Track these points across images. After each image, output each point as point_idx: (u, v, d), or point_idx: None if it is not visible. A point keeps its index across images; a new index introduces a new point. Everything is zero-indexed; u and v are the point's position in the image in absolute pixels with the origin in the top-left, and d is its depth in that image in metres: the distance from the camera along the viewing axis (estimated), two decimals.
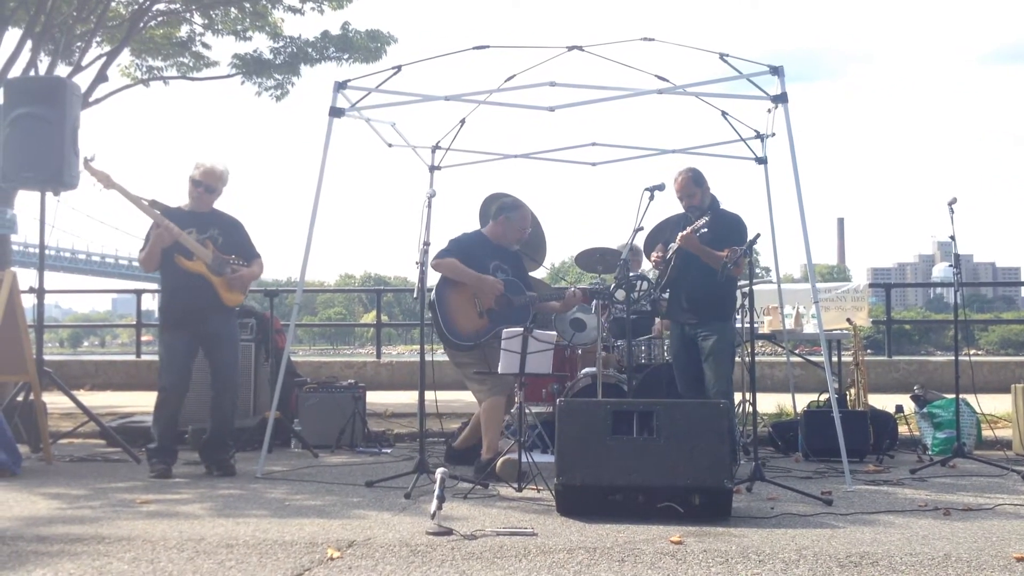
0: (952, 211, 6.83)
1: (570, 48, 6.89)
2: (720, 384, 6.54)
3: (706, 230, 6.52)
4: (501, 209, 6.94)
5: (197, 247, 6.43)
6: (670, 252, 6.76)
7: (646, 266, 8.48)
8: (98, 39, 13.54)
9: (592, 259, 7.63)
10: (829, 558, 3.96)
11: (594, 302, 7.20)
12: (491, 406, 6.49)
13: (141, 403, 10.02)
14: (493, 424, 6.51)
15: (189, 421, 7.21)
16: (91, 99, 12.82)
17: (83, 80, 12.60)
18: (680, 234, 6.61)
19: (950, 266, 7.14)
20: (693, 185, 6.75)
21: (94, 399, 10.27)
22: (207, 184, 6.60)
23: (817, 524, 4.75)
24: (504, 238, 6.92)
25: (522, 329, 5.90)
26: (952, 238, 6.83)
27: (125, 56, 14.22)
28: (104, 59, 13.38)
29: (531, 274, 7.58)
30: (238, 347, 6.85)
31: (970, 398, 7.37)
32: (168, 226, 6.31)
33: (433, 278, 6.62)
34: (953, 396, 7.18)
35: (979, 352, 61.74)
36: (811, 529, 4.61)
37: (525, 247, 7.49)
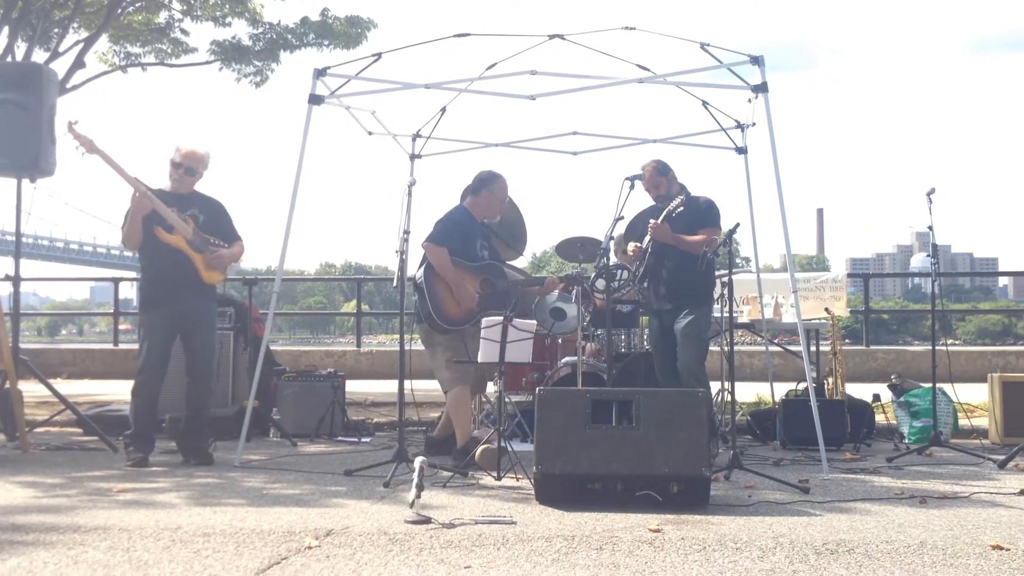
0: (930, 201, 6.87)
1: (551, 37, 6.86)
2: (691, 363, 6.54)
3: (682, 208, 6.54)
4: (481, 183, 6.88)
5: (177, 221, 6.37)
6: (645, 243, 6.78)
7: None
8: (75, 25, 13.45)
9: (573, 248, 7.63)
10: (806, 545, 3.98)
11: (574, 290, 7.20)
12: (457, 395, 6.55)
13: (118, 391, 9.96)
14: (462, 413, 6.58)
15: (166, 409, 7.15)
16: (68, 85, 12.75)
17: (60, 66, 12.55)
18: (650, 224, 6.64)
19: (928, 256, 7.17)
20: (658, 175, 6.78)
21: (71, 387, 10.22)
22: (187, 166, 6.55)
23: (794, 512, 4.77)
24: (488, 212, 6.91)
25: (502, 318, 5.90)
26: (930, 228, 6.86)
27: (103, 42, 14.17)
28: (82, 45, 13.30)
29: (512, 263, 7.56)
30: (216, 333, 6.81)
31: (947, 387, 7.43)
32: (146, 192, 6.27)
33: (415, 266, 6.61)
34: (930, 385, 7.23)
35: (956, 342, 62.10)
36: (788, 517, 4.63)
37: (506, 236, 7.47)
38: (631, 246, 6.92)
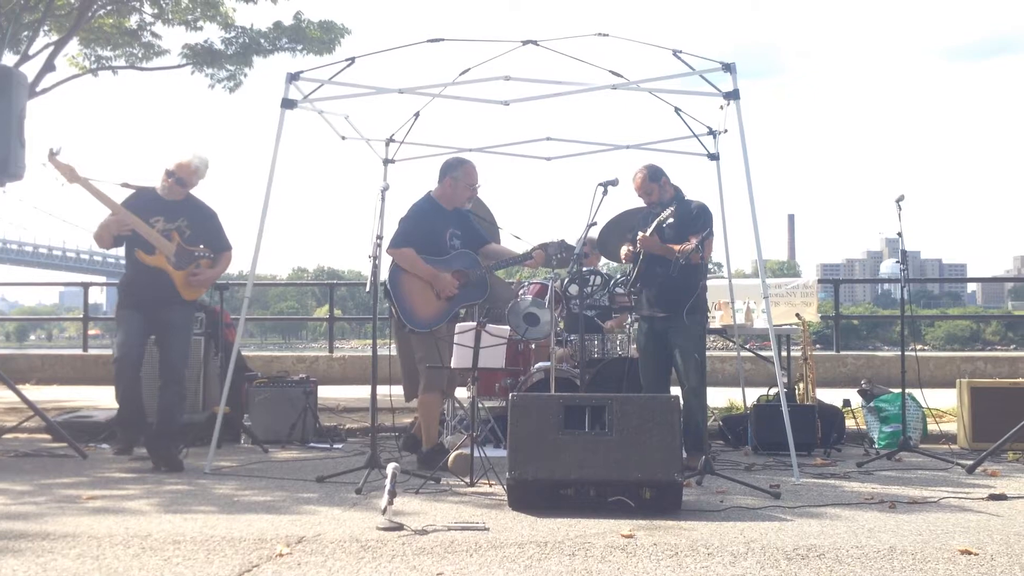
0: (900, 208, 6.93)
1: (525, 43, 6.88)
2: (692, 380, 6.56)
3: (672, 220, 6.53)
4: (446, 170, 6.83)
5: (159, 240, 6.37)
6: (638, 248, 6.75)
7: (601, 261, 8.49)
8: (46, 28, 13.34)
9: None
10: (777, 550, 4.00)
11: (547, 296, 7.20)
12: (425, 401, 6.56)
13: (88, 397, 9.88)
14: (430, 418, 6.60)
15: None
16: (38, 89, 12.64)
17: (30, 69, 12.43)
18: (638, 238, 6.63)
19: (897, 262, 7.24)
20: (649, 182, 6.76)
21: (40, 393, 10.11)
22: (178, 177, 6.56)
23: (765, 517, 4.80)
24: (455, 200, 6.83)
25: (475, 324, 5.90)
26: (899, 235, 6.92)
27: (73, 45, 14.05)
28: (52, 48, 13.20)
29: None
30: (190, 340, 6.78)
31: (916, 392, 7.48)
32: (121, 220, 6.26)
33: (387, 266, 6.59)
34: (899, 390, 7.28)
35: (925, 347, 62.73)
36: (759, 522, 4.66)
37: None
38: (625, 249, 6.88)
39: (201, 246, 6.56)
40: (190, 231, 6.55)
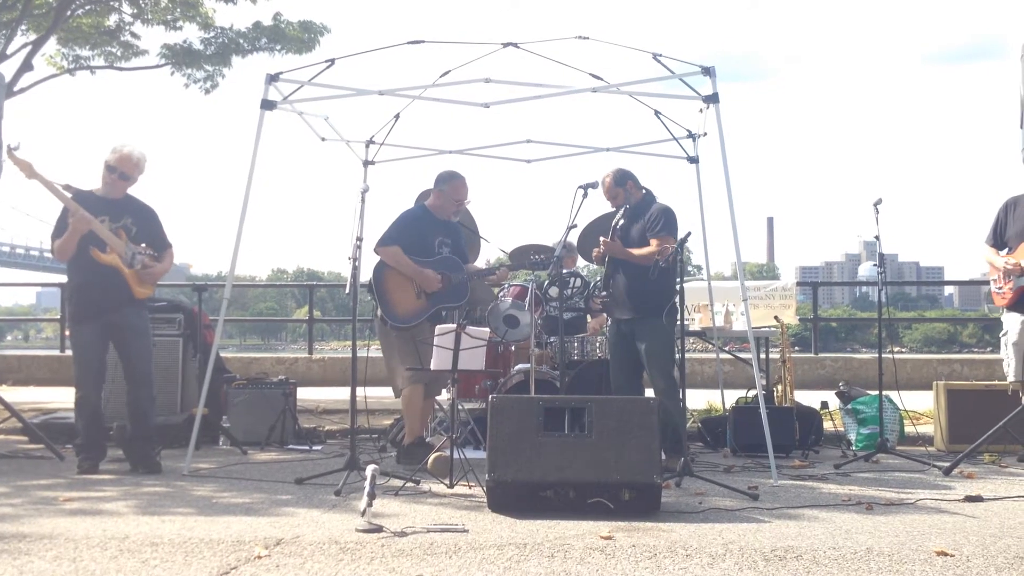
0: (877, 211, 6.98)
1: (505, 45, 6.89)
2: (658, 382, 6.58)
3: (623, 221, 6.55)
4: (437, 182, 6.98)
5: (111, 237, 6.30)
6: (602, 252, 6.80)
7: (580, 263, 8.52)
8: (24, 27, 13.28)
9: (526, 256, 7.64)
10: (754, 552, 4.02)
11: (527, 299, 7.21)
12: (409, 395, 6.63)
13: (65, 399, 9.79)
14: (413, 412, 6.67)
15: (113, 418, 7.07)
16: (16, 88, 12.56)
17: (8, 69, 12.36)
18: (601, 241, 6.68)
19: (875, 265, 7.28)
20: (614, 186, 6.81)
21: (17, 395, 10.03)
22: (121, 171, 6.46)
23: (743, 518, 4.82)
24: (442, 210, 6.96)
25: (455, 326, 5.92)
26: (877, 238, 6.98)
27: (51, 45, 13.98)
28: (30, 48, 13.12)
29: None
30: (150, 339, 6.69)
31: (893, 394, 7.52)
32: (84, 216, 6.18)
33: (368, 272, 6.62)
34: (877, 392, 7.33)
35: (903, 349, 63.18)
36: (738, 523, 4.68)
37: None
38: (596, 251, 6.92)
39: (143, 245, 6.50)
40: (136, 228, 6.48)
